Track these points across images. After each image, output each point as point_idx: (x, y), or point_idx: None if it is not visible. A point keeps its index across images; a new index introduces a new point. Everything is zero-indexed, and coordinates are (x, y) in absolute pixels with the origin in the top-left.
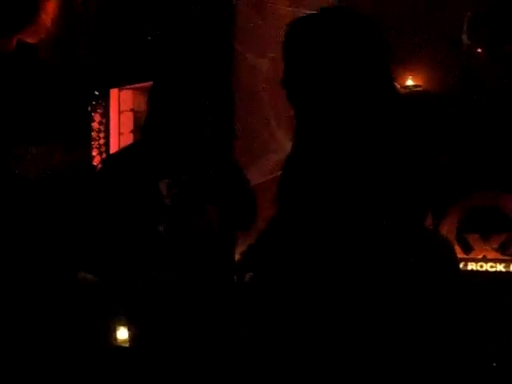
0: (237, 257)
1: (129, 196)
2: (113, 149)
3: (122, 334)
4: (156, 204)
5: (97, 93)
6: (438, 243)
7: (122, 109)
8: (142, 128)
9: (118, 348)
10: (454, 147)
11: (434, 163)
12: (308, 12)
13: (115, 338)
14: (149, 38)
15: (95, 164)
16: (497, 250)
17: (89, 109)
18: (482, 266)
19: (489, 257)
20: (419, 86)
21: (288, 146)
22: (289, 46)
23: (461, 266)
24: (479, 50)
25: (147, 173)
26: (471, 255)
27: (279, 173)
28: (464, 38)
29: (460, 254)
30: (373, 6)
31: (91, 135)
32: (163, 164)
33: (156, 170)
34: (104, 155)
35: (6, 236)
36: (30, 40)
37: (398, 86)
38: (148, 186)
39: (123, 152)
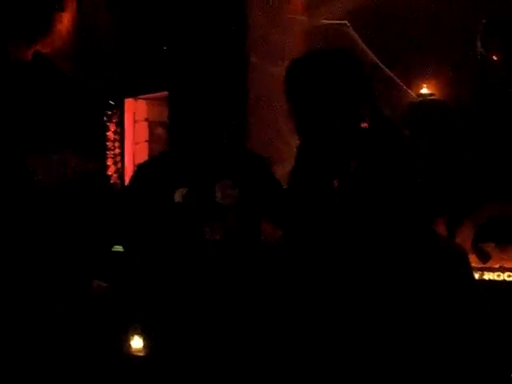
0: None
1: (159, 204)
2: (128, 158)
3: (137, 343)
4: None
5: (112, 102)
6: (450, 250)
7: (136, 118)
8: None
9: (133, 357)
10: (469, 156)
11: (448, 171)
12: (321, 21)
13: (130, 347)
14: (163, 48)
15: (110, 173)
16: None
17: (104, 118)
18: (499, 276)
19: (506, 266)
20: (433, 94)
21: None
22: (291, 75)
23: (477, 275)
24: (494, 58)
25: (170, 181)
26: (488, 264)
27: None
28: (478, 45)
29: (476, 264)
30: (387, 17)
31: (106, 145)
32: (184, 172)
33: (176, 179)
34: (119, 165)
35: (20, 245)
36: (45, 50)
37: (414, 95)
38: (166, 193)
39: (153, 161)
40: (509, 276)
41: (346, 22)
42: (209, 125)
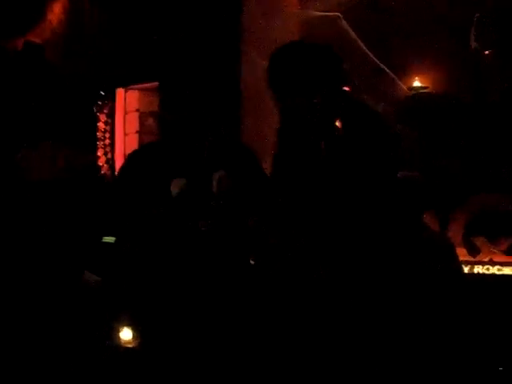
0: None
1: (146, 195)
2: (118, 149)
3: (126, 334)
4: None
5: (102, 93)
6: (438, 242)
7: (127, 109)
8: (160, 129)
9: (122, 348)
10: (461, 149)
11: (439, 166)
12: (315, 13)
13: (119, 339)
14: (155, 38)
15: (101, 164)
16: (504, 253)
17: (94, 109)
18: (488, 269)
19: (496, 260)
20: (426, 87)
21: None
22: (274, 65)
23: (467, 269)
24: (487, 52)
25: (164, 172)
26: (478, 258)
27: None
28: (472, 39)
29: (466, 257)
30: (381, 9)
31: (97, 135)
32: (178, 164)
33: (171, 170)
34: (109, 155)
35: (10, 238)
36: (36, 40)
37: (405, 88)
38: (161, 185)
39: (143, 151)
40: (498, 270)
41: (339, 14)
42: (200, 116)
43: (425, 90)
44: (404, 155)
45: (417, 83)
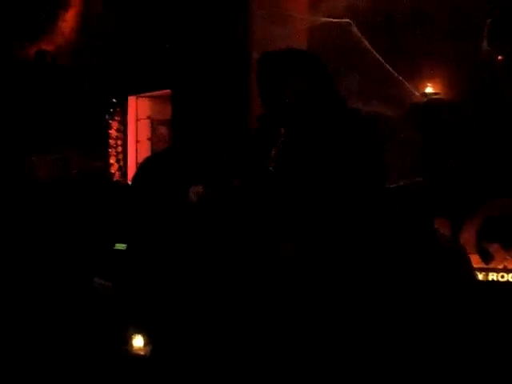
0: None
1: (161, 201)
2: (130, 156)
3: (138, 341)
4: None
5: (114, 100)
6: (450, 249)
7: (139, 116)
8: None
9: (134, 355)
10: (474, 155)
11: (451, 171)
12: (324, 19)
13: (131, 346)
14: (167, 47)
15: (113, 171)
16: None
17: (106, 116)
18: (503, 277)
19: (510, 267)
20: (438, 93)
21: None
22: (261, 70)
23: (481, 276)
24: (499, 57)
25: (180, 178)
26: (492, 265)
27: None
28: (484, 44)
29: (480, 264)
30: (390, 15)
31: (109, 143)
32: (194, 171)
33: (187, 177)
34: (121, 163)
35: (22, 243)
36: (48, 48)
37: (417, 94)
38: (178, 191)
39: (158, 157)
40: None
41: (350, 20)
42: (212, 123)
43: (436, 96)
44: (416, 161)
45: (429, 89)
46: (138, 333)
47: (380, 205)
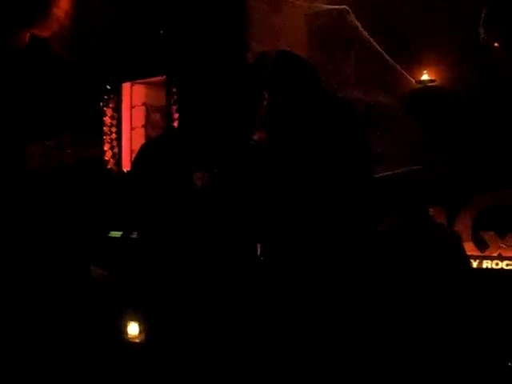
0: None
1: (163, 186)
2: (125, 143)
3: (133, 329)
4: (188, 195)
5: (109, 87)
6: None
7: (134, 103)
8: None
9: (129, 343)
10: (469, 144)
11: (446, 160)
12: (320, 6)
13: (126, 333)
14: (161, 33)
15: (107, 158)
16: None
17: (101, 103)
18: (497, 264)
19: (504, 255)
20: (434, 80)
21: None
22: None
23: (476, 264)
24: (496, 45)
25: (181, 164)
26: (487, 253)
27: None
28: (481, 32)
29: (475, 252)
30: (389, 3)
31: (103, 130)
32: (197, 156)
33: (190, 162)
34: (116, 150)
35: (18, 231)
36: (42, 34)
37: (413, 81)
38: (181, 177)
39: (157, 143)
40: (507, 265)
41: (346, 7)
42: (209, 111)
43: (433, 84)
44: (411, 150)
45: (425, 76)
46: (133, 320)
47: (368, 191)
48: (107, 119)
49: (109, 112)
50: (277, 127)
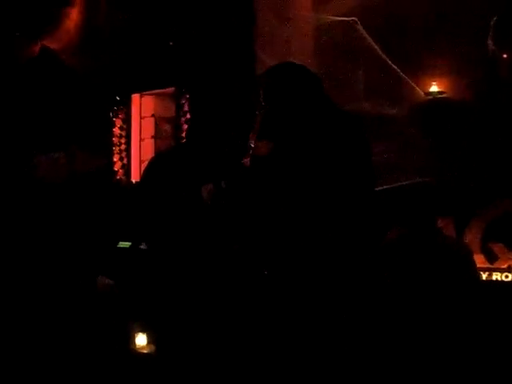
0: None
1: (172, 199)
2: (134, 154)
3: (140, 339)
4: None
5: (118, 98)
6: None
7: (143, 114)
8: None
9: (137, 354)
10: (478, 155)
11: (455, 172)
12: (329, 17)
13: (134, 344)
14: (170, 44)
15: (116, 169)
16: None
17: (110, 114)
18: (507, 277)
19: None
20: (443, 92)
21: None
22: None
23: (485, 276)
24: (505, 56)
25: (190, 176)
26: (496, 265)
27: None
28: (490, 43)
29: (484, 264)
30: (398, 14)
31: (112, 141)
32: (206, 169)
33: (199, 175)
34: (125, 161)
35: (27, 241)
36: (53, 45)
37: (422, 92)
38: (190, 189)
39: (167, 155)
40: None
41: (355, 18)
42: (217, 122)
43: (442, 96)
44: (420, 162)
45: (434, 88)
46: (141, 331)
47: (372, 202)
48: (117, 130)
49: (118, 123)
50: (275, 136)
